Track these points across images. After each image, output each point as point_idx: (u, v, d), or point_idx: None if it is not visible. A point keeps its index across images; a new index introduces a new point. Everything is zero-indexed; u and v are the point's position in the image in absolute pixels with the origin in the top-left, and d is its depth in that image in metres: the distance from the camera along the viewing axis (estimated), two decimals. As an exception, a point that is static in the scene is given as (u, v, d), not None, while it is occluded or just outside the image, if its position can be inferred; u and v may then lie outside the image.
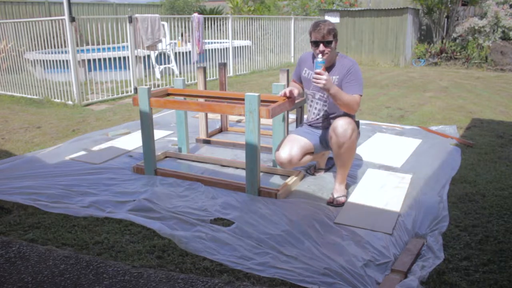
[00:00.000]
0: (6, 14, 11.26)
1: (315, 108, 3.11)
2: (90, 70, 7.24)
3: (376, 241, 2.37)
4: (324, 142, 3.11)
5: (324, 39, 2.78)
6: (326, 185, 3.19)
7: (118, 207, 2.82)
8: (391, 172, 3.43)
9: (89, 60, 7.11)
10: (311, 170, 3.45)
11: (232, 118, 5.12)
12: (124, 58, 7.37)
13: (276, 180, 3.29)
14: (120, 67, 7.38)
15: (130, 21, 6.96)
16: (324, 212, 2.73)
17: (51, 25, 6.39)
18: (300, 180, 3.28)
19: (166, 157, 3.86)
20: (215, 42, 9.51)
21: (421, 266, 2.11)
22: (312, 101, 3.13)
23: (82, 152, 3.98)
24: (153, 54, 8.70)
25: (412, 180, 3.24)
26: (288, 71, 3.85)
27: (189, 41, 8.43)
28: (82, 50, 6.84)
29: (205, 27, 8.96)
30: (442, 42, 11.19)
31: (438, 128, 4.74)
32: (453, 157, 3.74)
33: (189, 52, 8.47)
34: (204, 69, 4.19)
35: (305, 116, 3.25)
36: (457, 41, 11.14)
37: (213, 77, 8.75)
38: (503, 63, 10.20)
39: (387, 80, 8.68)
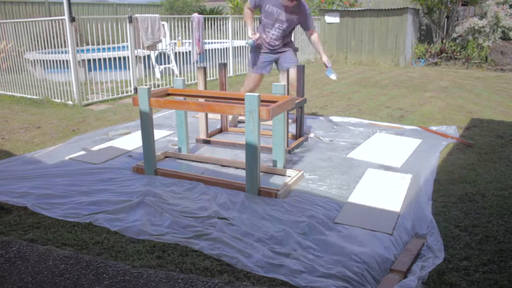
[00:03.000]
0: (6, 14, 11.26)
1: (272, 34, 4.24)
2: (90, 70, 7.24)
3: (376, 241, 2.37)
4: (279, 66, 4.43)
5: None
6: (327, 185, 3.19)
7: (118, 207, 2.82)
8: (391, 172, 3.44)
9: (89, 60, 7.11)
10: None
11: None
12: (124, 58, 7.37)
13: (276, 180, 3.29)
14: (120, 67, 7.37)
15: (130, 21, 6.96)
16: (324, 212, 2.73)
17: (51, 25, 6.39)
18: (300, 180, 3.28)
19: (166, 157, 3.86)
20: (215, 42, 9.50)
21: (421, 266, 2.11)
22: (270, 27, 4.22)
23: (82, 152, 3.98)
24: (153, 54, 8.70)
25: (412, 180, 3.24)
26: (288, 71, 3.85)
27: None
28: (82, 50, 6.84)
29: (205, 27, 8.96)
30: (442, 42, 11.19)
31: (438, 128, 4.74)
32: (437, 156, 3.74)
33: (189, 52, 8.47)
34: (204, 69, 4.19)
35: (255, 36, 4.22)
36: (457, 41, 11.13)
37: (213, 77, 8.74)
38: (503, 63, 10.20)
39: (387, 80, 8.68)
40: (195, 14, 8.25)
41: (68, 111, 5.93)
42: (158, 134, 4.53)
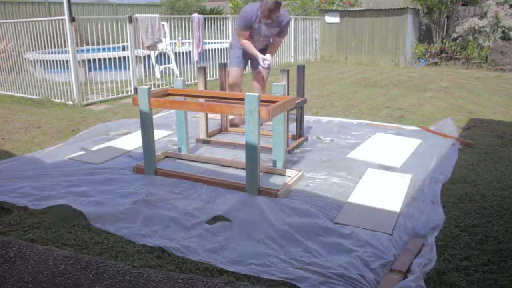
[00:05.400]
0: (6, 14, 11.26)
1: (260, 43, 4.55)
2: (90, 70, 7.23)
3: (376, 241, 2.37)
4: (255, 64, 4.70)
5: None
6: (327, 185, 3.19)
7: (118, 208, 2.82)
8: (391, 172, 3.43)
9: (89, 60, 7.11)
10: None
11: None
12: (124, 58, 7.37)
13: (276, 180, 3.29)
14: (120, 67, 7.37)
15: (130, 21, 6.96)
16: (324, 212, 2.73)
17: (51, 25, 6.39)
18: (300, 180, 3.28)
19: (166, 157, 3.86)
20: (215, 42, 9.50)
21: (419, 265, 2.11)
22: (257, 40, 4.52)
23: (82, 152, 3.98)
24: (153, 54, 8.70)
25: (412, 180, 3.24)
26: (288, 71, 3.85)
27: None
28: (82, 50, 6.83)
29: (205, 27, 8.96)
30: (442, 42, 11.19)
31: (437, 124, 4.73)
32: (450, 157, 3.73)
33: (189, 52, 8.47)
34: (204, 69, 4.19)
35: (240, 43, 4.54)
36: (457, 41, 11.13)
37: (213, 77, 8.74)
38: (503, 63, 10.20)
39: (387, 80, 8.68)
40: (195, 14, 8.24)
41: (68, 111, 5.93)
42: (158, 134, 4.53)
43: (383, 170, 3.48)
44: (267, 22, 4.19)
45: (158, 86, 7.89)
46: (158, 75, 8.51)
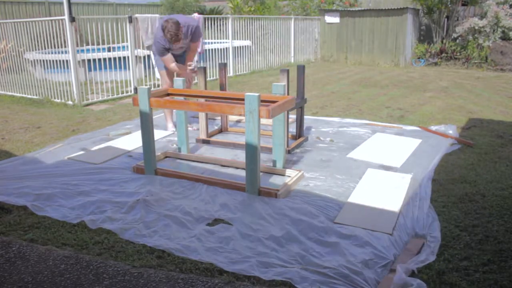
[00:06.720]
0: (6, 14, 11.25)
1: (177, 51, 4.58)
2: (90, 70, 7.23)
3: (376, 241, 2.37)
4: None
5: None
6: (327, 185, 3.19)
7: (117, 208, 2.82)
8: (391, 172, 3.43)
9: (89, 60, 7.10)
10: None
11: (232, 118, 5.12)
12: (124, 58, 7.37)
13: (276, 180, 3.29)
14: (120, 67, 7.37)
15: (130, 21, 6.96)
16: (324, 212, 2.73)
17: (51, 25, 6.39)
18: (300, 180, 3.28)
19: (166, 157, 3.86)
20: (215, 42, 9.50)
21: (418, 264, 2.11)
22: (176, 50, 4.55)
23: (82, 152, 3.98)
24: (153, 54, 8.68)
25: (412, 180, 3.24)
26: (288, 71, 3.85)
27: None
28: (82, 50, 6.83)
29: (205, 27, 8.96)
30: (442, 42, 11.19)
31: (437, 127, 4.73)
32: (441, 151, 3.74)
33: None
34: (204, 69, 4.19)
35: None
36: (457, 41, 11.13)
37: (213, 77, 8.74)
38: (503, 63, 10.20)
39: (387, 80, 8.68)
40: (195, 14, 8.24)
41: (68, 111, 5.92)
42: (158, 134, 4.53)
43: (383, 170, 3.48)
44: (177, 43, 4.27)
45: (158, 86, 7.89)
46: (158, 75, 8.50)
